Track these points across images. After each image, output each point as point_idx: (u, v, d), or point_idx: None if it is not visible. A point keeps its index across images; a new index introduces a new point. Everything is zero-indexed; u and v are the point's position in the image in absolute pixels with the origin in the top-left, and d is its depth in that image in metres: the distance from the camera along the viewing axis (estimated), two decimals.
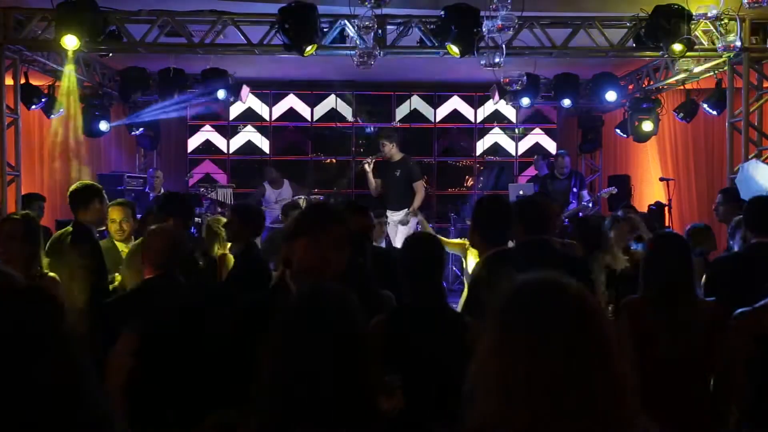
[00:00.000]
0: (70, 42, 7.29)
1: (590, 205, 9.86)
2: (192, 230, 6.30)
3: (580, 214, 9.17)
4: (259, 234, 5.05)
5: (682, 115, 10.29)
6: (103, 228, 5.24)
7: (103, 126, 10.39)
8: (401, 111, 12.78)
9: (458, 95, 12.72)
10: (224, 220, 5.29)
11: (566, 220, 8.93)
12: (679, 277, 3.32)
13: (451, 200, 12.36)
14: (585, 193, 10.16)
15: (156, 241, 3.67)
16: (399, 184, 8.56)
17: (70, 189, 4.96)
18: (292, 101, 12.69)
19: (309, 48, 7.44)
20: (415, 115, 12.81)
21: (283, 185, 10.41)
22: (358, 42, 7.54)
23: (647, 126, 10.68)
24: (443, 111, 12.86)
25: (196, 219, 9.16)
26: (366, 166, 8.58)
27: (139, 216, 5.77)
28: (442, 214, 11.91)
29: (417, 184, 8.59)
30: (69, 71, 8.69)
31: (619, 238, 5.24)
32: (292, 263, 2.58)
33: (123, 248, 5.21)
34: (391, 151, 8.64)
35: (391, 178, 8.60)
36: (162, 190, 10.68)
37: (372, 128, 12.59)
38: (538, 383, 1.27)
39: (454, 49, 7.48)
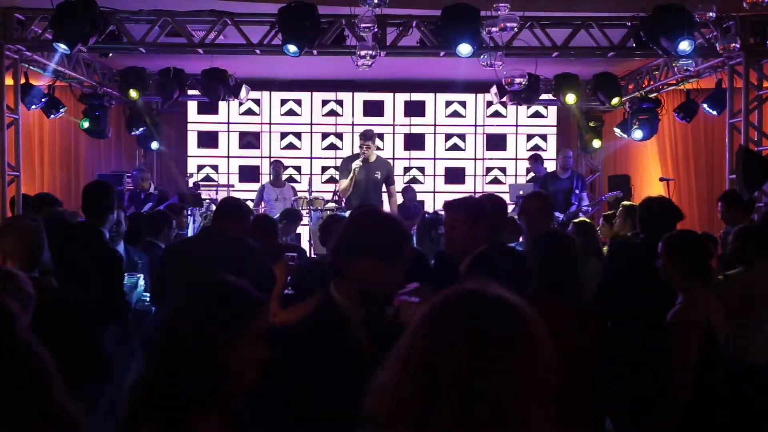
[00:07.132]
0: (63, 47, 7.29)
1: (590, 210, 9.72)
2: None
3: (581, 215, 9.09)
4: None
5: (682, 115, 10.28)
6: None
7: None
8: (401, 111, 12.77)
9: (458, 95, 12.68)
10: None
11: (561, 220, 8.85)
12: (566, 277, 3.33)
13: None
14: (585, 195, 9.94)
15: None
16: (378, 186, 8.57)
17: (85, 188, 4.93)
18: (291, 100, 12.69)
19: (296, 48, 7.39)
20: (414, 114, 12.81)
21: (284, 185, 10.42)
22: (357, 42, 7.54)
23: (636, 134, 10.65)
24: (443, 110, 12.84)
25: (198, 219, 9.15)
26: (357, 169, 8.47)
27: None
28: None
29: (393, 188, 8.63)
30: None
31: None
32: (347, 277, 2.16)
33: None
34: (372, 151, 8.68)
35: (370, 178, 8.51)
36: (152, 188, 10.57)
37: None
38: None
39: (456, 49, 7.47)
